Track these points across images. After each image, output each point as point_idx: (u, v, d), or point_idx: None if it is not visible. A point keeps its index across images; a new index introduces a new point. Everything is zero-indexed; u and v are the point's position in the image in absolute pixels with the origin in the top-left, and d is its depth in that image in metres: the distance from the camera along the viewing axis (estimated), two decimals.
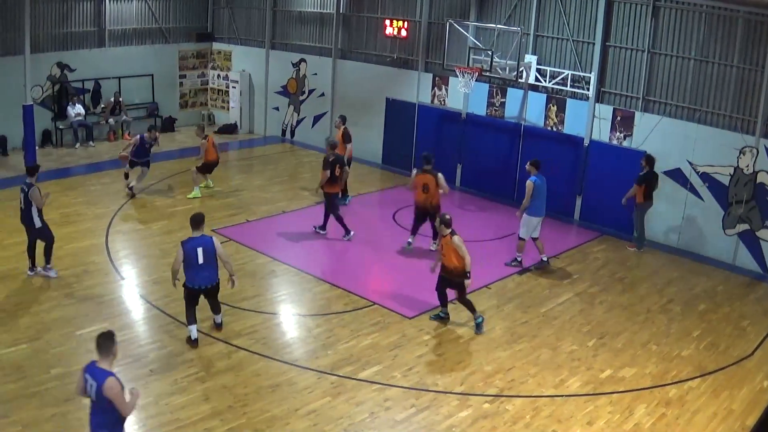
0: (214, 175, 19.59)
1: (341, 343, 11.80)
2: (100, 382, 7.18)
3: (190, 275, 11.11)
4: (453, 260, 12.11)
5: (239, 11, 26.70)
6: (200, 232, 11.21)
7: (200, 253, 10.95)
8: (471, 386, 10.76)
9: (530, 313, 13.27)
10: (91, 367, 7.38)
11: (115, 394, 7.19)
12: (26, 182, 13.46)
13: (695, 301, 14.17)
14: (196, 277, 11.09)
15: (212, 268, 11.15)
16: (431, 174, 15.25)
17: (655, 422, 10.07)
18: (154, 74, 26.00)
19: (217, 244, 11.17)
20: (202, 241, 11.07)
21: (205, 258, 11.00)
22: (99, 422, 7.36)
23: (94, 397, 7.29)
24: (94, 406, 7.36)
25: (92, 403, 7.38)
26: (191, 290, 11.21)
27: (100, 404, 7.27)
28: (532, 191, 14.64)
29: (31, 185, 13.37)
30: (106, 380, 7.17)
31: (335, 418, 9.78)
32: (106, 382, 7.16)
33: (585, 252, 16.56)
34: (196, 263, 10.97)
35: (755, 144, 15.51)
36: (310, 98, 24.85)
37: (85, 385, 7.35)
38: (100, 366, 7.34)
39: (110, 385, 7.17)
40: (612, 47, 17.57)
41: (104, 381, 7.17)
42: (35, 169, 13.82)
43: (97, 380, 7.21)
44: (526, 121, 19.22)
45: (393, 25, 21.60)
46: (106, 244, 15.35)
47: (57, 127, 23.49)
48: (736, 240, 16.08)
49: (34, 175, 13.57)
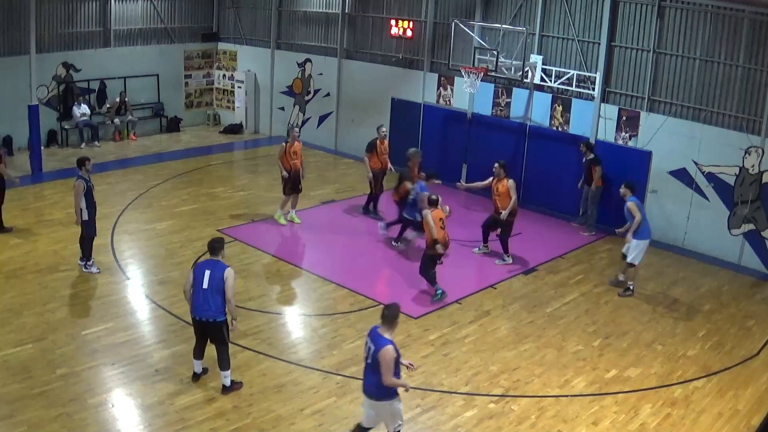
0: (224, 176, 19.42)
1: (347, 343, 11.81)
2: (378, 347, 8.12)
3: (192, 301, 10.00)
4: None
5: (245, 11, 26.73)
6: (217, 257, 10.08)
7: (207, 277, 9.82)
8: (476, 386, 10.76)
9: (536, 313, 13.26)
10: (373, 331, 8.38)
11: (386, 361, 8.08)
12: (78, 174, 13.59)
13: (701, 301, 14.15)
14: (195, 305, 9.95)
15: (215, 301, 9.84)
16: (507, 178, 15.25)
17: (660, 422, 10.06)
18: (160, 74, 26.05)
19: (228, 276, 9.84)
20: (214, 266, 9.94)
21: (210, 284, 9.81)
22: (372, 382, 8.34)
23: (370, 359, 8.28)
24: (369, 367, 8.35)
25: (367, 364, 8.37)
26: (192, 320, 10.21)
27: (375, 366, 8.20)
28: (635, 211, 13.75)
29: (80, 177, 13.47)
30: (384, 347, 8.09)
31: (341, 418, 9.79)
32: (383, 349, 8.08)
33: (591, 252, 16.55)
34: (200, 287, 9.83)
35: (761, 144, 15.47)
36: (316, 98, 24.86)
37: (366, 347, 8.40)
38: (380, 332, 8.27)
39: (385, 352, 8.07)
40: (617, 47, 17.54)
41: (382, 347, 8.09)
42: (82, 161, 13.70)
43: (376, 345, 8.19)
44: (532, 121, 19.20)
45: (398, 25, 21.62)
46: (111, 244, 15.38)
47: (62, 127, 23.54)
48: (742, 240, 16.05)
49: (81, 167, 13.58)
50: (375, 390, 8.35)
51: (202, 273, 9.89)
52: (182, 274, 13.87)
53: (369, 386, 8.42)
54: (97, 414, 9.51)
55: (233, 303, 10.02)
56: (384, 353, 8.07)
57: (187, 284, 10.07)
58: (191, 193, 19.17)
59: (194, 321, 10.14)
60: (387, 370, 8.11)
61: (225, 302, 9.90)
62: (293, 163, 16.74)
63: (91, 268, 13.85)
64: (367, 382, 8.45)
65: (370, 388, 8.41)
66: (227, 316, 10.02)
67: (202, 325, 10.05)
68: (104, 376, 10.41)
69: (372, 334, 8.38)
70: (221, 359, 10.17)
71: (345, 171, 22.14)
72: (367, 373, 8.42)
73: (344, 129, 24.18)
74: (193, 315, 10.09)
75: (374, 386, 8.33)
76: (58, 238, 15.39)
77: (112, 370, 10.56)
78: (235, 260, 14.61)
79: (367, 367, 8.41)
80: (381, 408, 8.48)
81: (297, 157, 16.82)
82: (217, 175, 21.35)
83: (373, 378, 8.30)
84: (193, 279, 9.95)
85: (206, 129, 27.19)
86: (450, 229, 13.81)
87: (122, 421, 9.47)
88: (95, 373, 10.44)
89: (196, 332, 10.28)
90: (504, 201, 15.09)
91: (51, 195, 18.40)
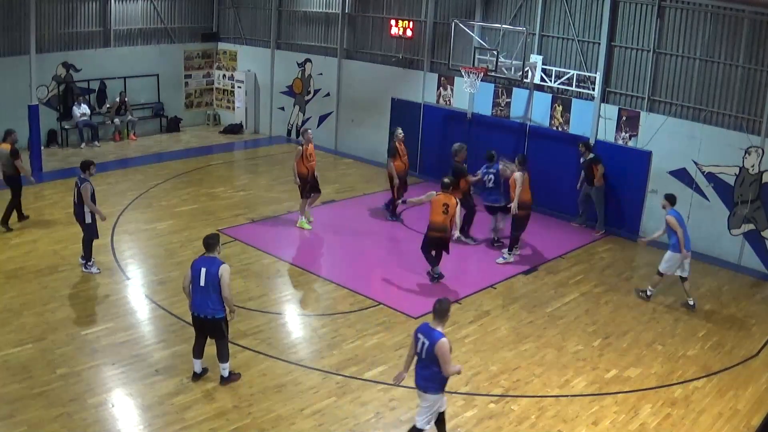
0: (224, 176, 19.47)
1: (347, 343, 11.81)
2: (433, 341, 8.27)
3: (191, 298, 10.14)
4: None
5: (245, 11, 26.74)
6: (212, 254, 10.10)
7: (203, 275, 9.90)
8: (476, 386, 10.76)
9: (536, 313, 13.26)
10: (425, 327, 8.51)
11: (444, 353, 8.26)
12: (80, 177, 13.54)
13: (701, 301, 14.14)
14: (194, 302, 10.09)
15: (212, 297, 9.94)
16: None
17: (660, 422, 10.06)
18: (160, 74, 26.06)
19: (223, 273, 9.91)
20: (209, 264, 9.98)
21: (206, 282, 9.89)
22: (425, 376, 8.50)
23: (424, 354, 8.40)
24: (423, 362, 8.48)
25: (420, 359, 8.50)
26: (192, 317, 10.32)
27: (429, 361, 8.38)
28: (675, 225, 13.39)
29: (85, 180, 13.44)
30: (439, 340, 8.25)
31: (341, 418, 9.79)
32: (439, 342, 8.24)
33: (590, 252, 16.55)
34: (198, 285, 9.94)
35: (761, 144, 15.47)
36: (316, 98, 24.87)
37: (416, 342, 8.51)
38: (433, 326, 8.43)
39: (441, 345, 8.23)
40: (617, 47, 17.54)
41: (437, 340, 8.25)
42: (87, 164, 13.74)
43: (430, 339, 8.32)
44: (532, 121, 19.20)
45: (398, 25, 21.62)
46: (111, 244, 15.38)
47: (62, 127, 23.55)
48: (742, 240, 16.05)
49: (86, 171, 13.60)
50: (426, 383, 8.55)
51: (198, 271, 9.97)
52: (182, 274, 13.79)
53: (420, 379, 8.60)
54: (97, 414, 9.50)
55: (230, 300, 10.10)
56: (441, 346, 8.27)
57: (186, 281, 10.15)
58: (191, 193, 19.17)
59: (193, 318, 10.25)
60: (446, 361, 8.33)
61: (223, 298, 10.00)
62: (310, 166, 16.55)
63: (92, 269, 13.87)
64: (418, 375, 8.61)
65: (425, 383, 8.57)
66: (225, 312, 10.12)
67: (201, 322, 10.15)
68: (104, 376, 10.41)
69: (422, 330, 8.52)
70: (220, 352, 10.33)
71: (345, 171, 22.14)
72: (418, 367, 8.59)
73: (344, 129, 24.18)
74: (192, 312, 10.21)
75: (429, 380, 8.52)
76: (58, 238, 15.39)
77: (112, 370, 10.56)
78: (235, 260, 14.63)
79: (420, 363, 8.57)
80: (428, 400, 8.64)
81: (313, 159, 16.69)
82: (217, 175, 21.36)
83: (427, 372, 8.48)
84: (190, 277, 10.04)
85: (206, 129, 27.20)
86: None
87: (122, 421, 9.47)
88: (95, 373, 10.44)
89: (196, 329, 10.35)
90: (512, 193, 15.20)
91: (51, 195, 18.39)
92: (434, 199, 13.86)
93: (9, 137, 16.31)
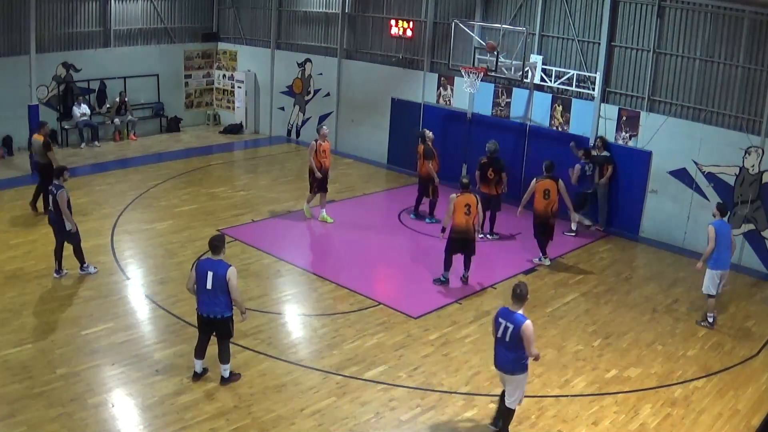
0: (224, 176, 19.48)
1: (347, 343, 11.81)
2: (518, 324, 8.82)
3: (198, 299, 10.12)
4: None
5: (244, 11, 26.73)
6: (218, 256, 10.05)
7: (210, 278, 9.89)
8: (476, 386, 10.76)
9: (536, 313, 13.24)
10: (505, 311, 9.07)
11: (529, 335, 8.82)
12: (55, 184, 13.44)
13: (701, 301, 14.08)
14: (201, 303, 10.07)
15: (221, 299, 9.98)
16: (552, 179, 15.17)
17: (660, 422, 10.06)
18: (160, 74, 26.04)
19: (231, 276, 9.90)
20: (215, 267, 9.96)
21: (214, 285, 9.90)
22: (510, 358, 9.01)
23: (508, 337, 8.91)
24: (507, 344, 8.98)
25: (503, 342, 9.01)
26: (198, 317, 10.27)
27: (513, 343, 8.90)
28: (714, 238, 12.70)
29: (60, 187, 13.36)
30: (525, 323, 8.82)
31: (340, 418, 9.79)
32: (524, 325, 8.81)
33: (591, 252, 16.55)
34: (204, 287, 9.94)
35: (761, 144, 15.47)
36: (316, 98, 24.86)
37: (497, 327, 9.07)
38: (513, 310, 8.97)
39: (527, 328, 8.81)
40: (617, 47, 17.54)
41: (523, 323, 8.82)
42: (60, 170, 13.73)
43: (515, 323, 8.87)
44: (532, 121, 19.20)
45: (398, 25, 21.62)
46: (111, 244, 15.38)
47: (62, 127, 23.53)
48: (742, 240, 16.03)
49: (59, 177, 13.54)
50: (512, 365, 9.04)
51: (204, 274, 9.95)
52: (182, 274, 13.89)
53: (506, 362, 9.08)
54: (97, 414, 9.50)
55: (241, 303, 10.24)
56: (526, 328, 8.80)
57: (190, 282, 10.15)
58: (191, 193, 19.17)
59: (201, 318, 10.22)
60: (531, 342, 8.84)
61: (230, 299, 10.04)
62: (323, 161, 16.85)
63: (89, 269, 13.86)
64: (503, 358, 9.09)
65: (508, 364, 9.07)
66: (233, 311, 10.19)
67: (209, 322, 10.15)
68: (104, 376, 10.41)
69: (503, 314, 9.05)
70: (222, 353, 10.33)
71: (345, 171, 22.13)
72: (502, 351, 9.08)
73: (344, 129, 24.18)
74: (199, 313, 10.18)
75: (512, 362, 9.02)
76: None
77: (112, 370, 10.56)
78: (235, 260, 14.54)
79: (501, 345, 9.07)
80: (516, 381, 9.13)
81: (326, 156, 16.93)
82: (217, 175, 21.36)
83: (511, 354, 8.99)
84: (196, 278, 10.03)
85: (206, 129, 27.20)
86: None
87: (122, 421, 9.47)
88: (95, 373, 10.44)
89: (201, 329, 10.33)
90: None
91: None
92: (456, 202, 13.83)
93: (42, 129, 16.96)
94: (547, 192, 15.10)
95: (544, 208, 15.19)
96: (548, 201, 15.15)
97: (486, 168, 16.62)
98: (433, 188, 17.60)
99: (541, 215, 15.27)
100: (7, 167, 20.55)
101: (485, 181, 16.66)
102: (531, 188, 15.21)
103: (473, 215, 13.87)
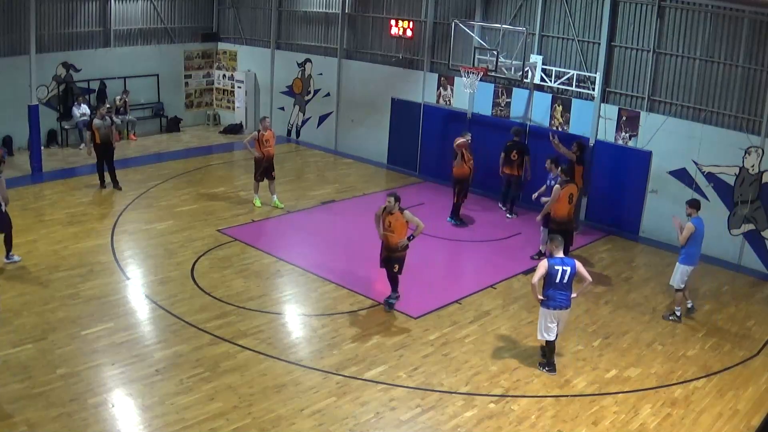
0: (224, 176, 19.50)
1: (346, 343, 11.81)
2: (573, 264, 10.67)
3: None
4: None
5: (244, 11, 26.73)
6: None
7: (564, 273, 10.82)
8: (476, 386, 10.76)
9: (536, 313, 13.12)
10: (557, 260, 10.65)
11: (582, 267, 10.76)
12: None
13: (700, 301, 14.13)
14: None
15: None
16: (574, 183, 14.96)
17: (660, 422, 10.06)
18: (160, 74, 26.04)
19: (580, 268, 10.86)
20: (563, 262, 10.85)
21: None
22: (568, 296, 10.79)
23: (566, 279, 10.61)
24: (565, 285, 10.67)
25: (561, 285, 10.63)
26: None
27: (570, 282, 10.70)
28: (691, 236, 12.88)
29: None
30: (576, 263, 10.72)
31: (340, 418, 9.79)
32: (577, 264, 10.71)
33: (590, 252, 16.54)
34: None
35: (761, 144, 15.47)
36: (316, 98, 24.86)
37: (554, 274, 10.56)
38: (561, 257, 10.72)
39: (579, 264, 10.77)
40: (617, 47, 17.54)
41: (574, 262, 10.71)
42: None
43: (571, 265, 10.66)
44: (532, 121, 19.20)
45: (398, 25, 21.60)
46: (111, 244, 15.37)
47: (62, 127, 23.53)
48: (742, 240, 16.05)
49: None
50: (569, 302, 10.81)
51: None
52: (182, 274, 13.93)
53: (566, 300, 10.77)
54: (97, 414, 9.50)
55: None
56: (580, 265, 10.73)
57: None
58: (191, 193, 19.16)
59: None
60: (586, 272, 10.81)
61: None
62: (266, 151, 17.84)
63: (13, 258, 14.10)
64: (563, 297, 10.73)
65: (567, 302, 10.78)
66: None
67: None
68: (104, 376, 10.41)
69: (556, 262, 10.59)
70: None
71: (345, 171, 22.13)
72: (562, 291, 10.68)
73: (344, 129, 24.17)
74: None
75: (569, 300, 10.80)
76: (58, 238, 15.39)
77: (112, 370, 10.56)
78: (235, 260, 14.65)
79: (561, 287, 10.64)
80: (567, 313, 10.96)
81: (270, 144, 17.93)
82: (217, 175, 21.36)
83: (569, 293, 10.75)
84: None
85: (206, 129, 27.19)
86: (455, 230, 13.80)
87: (122, 421, 9.47)
88: (95, 373, 10.44)
89: None
90: None
91: (51, 195, 18.39)
92: (562, 192, 14.20)
93: None
94: (572, 197, 14.54)
95: (567, 213, 14.64)
96: (571, 206, 14.64)
97: (511, 149, 17.73)
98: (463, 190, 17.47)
99: (564, 221, 14.57)
100: (6, 167, 20.47)
101: (509, 163, 17.75)
102: (555, 195, 14.44)
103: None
